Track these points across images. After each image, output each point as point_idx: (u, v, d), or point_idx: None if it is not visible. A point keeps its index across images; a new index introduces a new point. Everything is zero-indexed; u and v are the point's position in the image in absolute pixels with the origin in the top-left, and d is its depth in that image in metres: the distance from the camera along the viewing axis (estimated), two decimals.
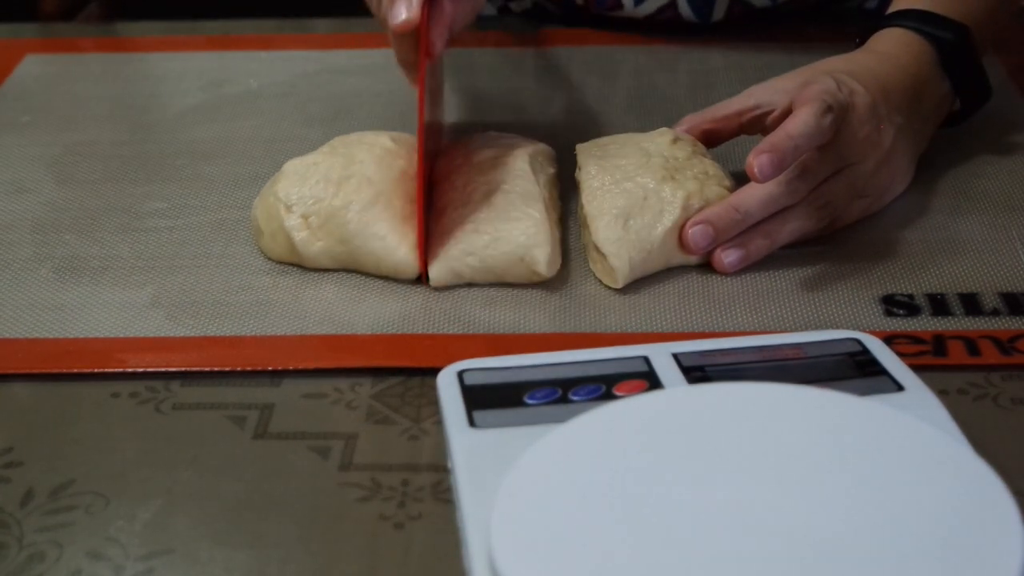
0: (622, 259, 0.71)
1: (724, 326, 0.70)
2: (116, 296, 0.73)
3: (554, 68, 1.02)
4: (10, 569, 0.55)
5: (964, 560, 0.48)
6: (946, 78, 0.81)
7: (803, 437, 0.55)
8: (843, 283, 0.73)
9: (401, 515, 0.58)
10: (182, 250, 0.78)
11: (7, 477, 0.60)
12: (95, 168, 0.88)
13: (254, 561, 0.55)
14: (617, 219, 0.72)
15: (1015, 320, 0.69)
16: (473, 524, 0.53)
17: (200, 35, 1.11)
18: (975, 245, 0.76)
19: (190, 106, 0.97)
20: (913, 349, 0.67)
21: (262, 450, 0.62)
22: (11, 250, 0.78)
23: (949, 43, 0.81)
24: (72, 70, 1.05)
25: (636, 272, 0.72)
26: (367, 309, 0.72)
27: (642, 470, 0.53)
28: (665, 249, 0.72)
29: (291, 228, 0.74)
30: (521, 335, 0.69)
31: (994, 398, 0.64)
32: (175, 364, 0.67)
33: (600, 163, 0.75)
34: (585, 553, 0.49)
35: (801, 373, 0.62)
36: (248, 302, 0.73)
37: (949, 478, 0.52)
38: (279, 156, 0.86)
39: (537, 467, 0.53)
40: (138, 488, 0.59)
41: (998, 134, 0.89)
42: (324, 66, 1.03)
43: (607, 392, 0.61)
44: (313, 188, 0.74)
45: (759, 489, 0.51)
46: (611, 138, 0.79)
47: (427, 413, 0.64)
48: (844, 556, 0.48)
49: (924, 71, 0.80)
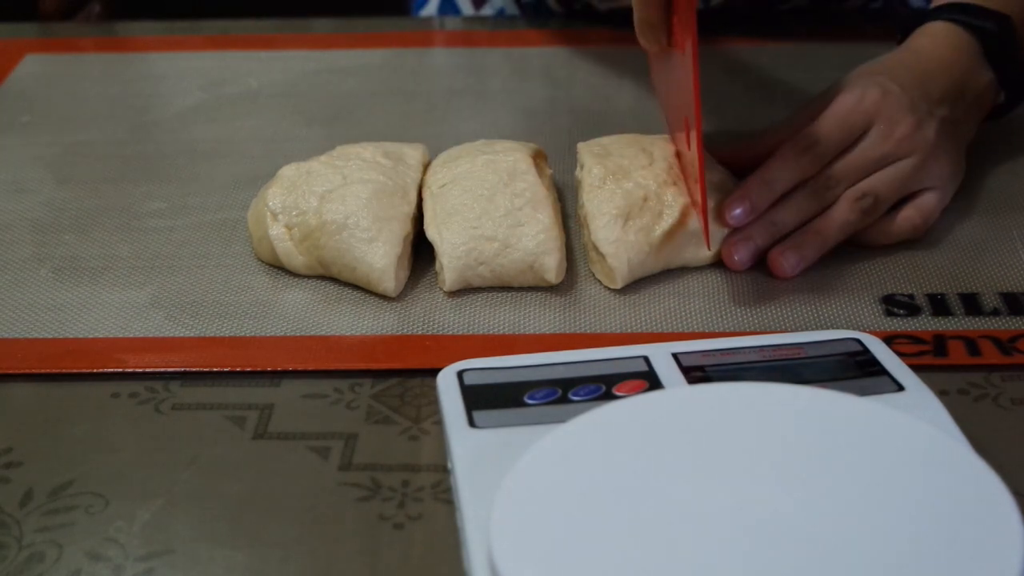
0: (620, 260, 0.71)
1: (724, 326, 0.70)
2: (116, 296, 0.73)
3: (554, 68, 1.02)
4: (10, 569, 0.55)
5: (964, 560, 0.48)
6: (989, 69, 0.81)
7: (803, 437, 0.55)
8: (843, 283, 0.73)
9: (401, 515, 0.58)
10: (182, 250, 0.78)
11: (7, 477, 0.60)
12: (95, 168, 0.88)
13: (254, 561, 0.55)
14: (616, 219, 0.71)
15: (1015, 320, 0.69)
16: (473, 524, 0.53)
17: (200, 35, 1.11)
18: (975, 245, 0.76)
19: (190, 106, 0.97)
20: (913, 349, 0.67)
21: (262, 450, 0.62)
22: (11, 250, 0.78)
23: (991, 33, 0.80)
24: (72, 70, 1.05)
25: (635, 273, 0.72)
26: (367, 310, 0.72)
27: (642, 470, 0.53)
28: (664, 252, 0.72)
29: (275, 238, 0.74)
30: (521, 335, 0.69)
31: (994, 398, 0.64)
32: (175, 364, 0.67)
33: (602, 161, 0.75)
34: (585, 553, 0.49)
35: (801, 373, 0.62)
36: (248, 302, 0.73)
37: (949, 478, 0.52)
38: (279, 156, 0.86)
39: (537, 467, 0.53)
40: (138, 488, 0.59)
41: (999, 134, 0.89)
42: (324, 66, 1.03)
43: (607, 392, 0.61)
44: (299, 199, 0.74)
45: (759, 489, 0.51)
46: (614, 138, 0.79)
47: (427, 413, 0.64)
48: (844, 556, 0.48)
49: (966, 63, 0.80)
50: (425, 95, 0.99)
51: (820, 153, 0.73)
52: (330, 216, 0.72)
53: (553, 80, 1.00)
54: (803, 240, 0.73)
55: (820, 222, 0.73)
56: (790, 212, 0.73)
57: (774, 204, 0.73)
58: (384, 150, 0.77)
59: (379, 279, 0.71)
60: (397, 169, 0.76)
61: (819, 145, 0.73)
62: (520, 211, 0.72)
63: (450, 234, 0.72)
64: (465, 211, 0.73)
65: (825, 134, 0.74)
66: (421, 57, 1.08)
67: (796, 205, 0.73)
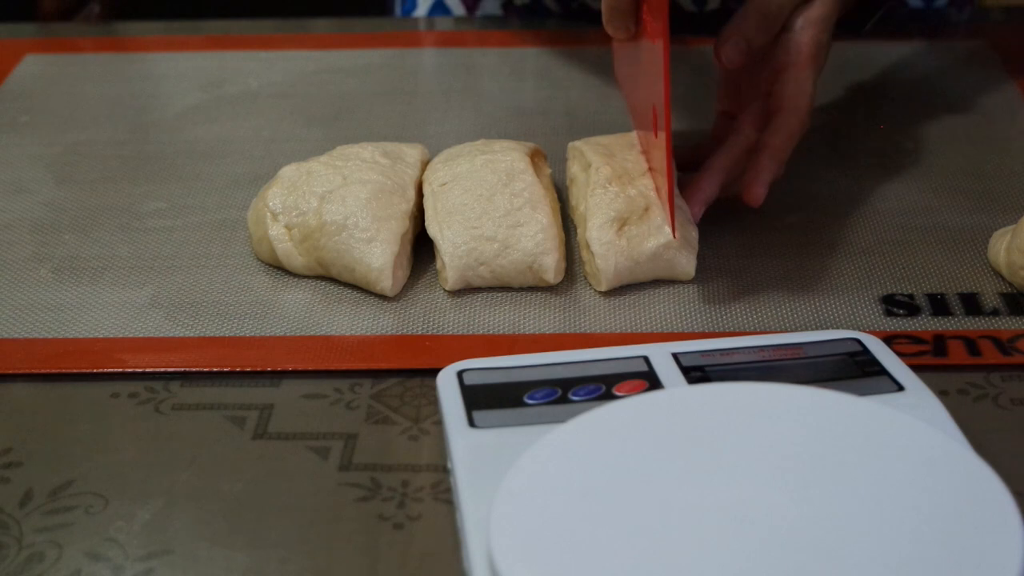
0: (608, 262, 0.71)
1: (724, 326, 0.70)
2: (115, 296, 0.73)
3: (554, 68, 1.02)
4: (9, 569, 0.55)
5: (964, 560, 0.48)
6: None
7: (803, 437, 0.55)
8: (843, 283, 0.73)
9: (401, 515, 0.58)
10: (181, 250, 0.78)
11: (6, 477, 0.60)
12: (95, 168, 0.88)
13: (254, 561, 0.55)
14: (613, 222, 0.71)
15: (1015, 320, 0.69)
16: (473, 524, 0.53)
17: (200, 35, 1.11)
18: (975, 245, 0.76)
19: (190, 106, 0.97)
20: (913, 349, 0.67)
21: (261, 450, 0.62)
22: (10, 250, 0.78)
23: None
24: (72, 70, 1.05)
25: (622, 278, 0.71)
26: (367, 310, 0.72)
27: (642, 470, 0.53)
28: (653, 265, 0.72)
29: (274, 238, 0.74)
30: (521, 335, 0.69)
31: (994, 398, 0.64)
32: (175, 364, 0.67)
33: (610, 162, 0.74)
34: (584, 553, 0.49)
35: (801, 373, 0.62)
36: (248, 302, 0.73)
37: (949, 478, 0.52)
38: (279, 156, 0.86)
39: (537, 467, 0.53)
40: (137, 488, 0.59)
41: (999, 135, 0.89)
42: (324, 66, 1.03)
43: (607, 392, 0.61)
44: (299, 199, 0.74)
45: (759, 489, 0.51)
46: (612, 137, 0.79)
47: (427, 413, 0.64)
48: (844, 556, 0.48)
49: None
50: (425, 95, 0.99)
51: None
52: (330, 217, 0.72)
53: (551, 80, 1.00)
54: (759, 164, 0.74)
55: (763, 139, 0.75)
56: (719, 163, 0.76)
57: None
58: (383, 150, 0.77)
59: (377, 278, 0.71)
60: (396, 168, 0.76)
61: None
62: (519, 211, 0.72)
63: (451, 233, 0.72)
64: (465, 211, 0.73)
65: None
66: (421, 57, 1.08)
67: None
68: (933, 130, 0.90)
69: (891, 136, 0.89)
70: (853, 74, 0.98)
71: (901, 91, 0.96)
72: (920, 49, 1.03)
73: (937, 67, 1.00)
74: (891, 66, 1.00)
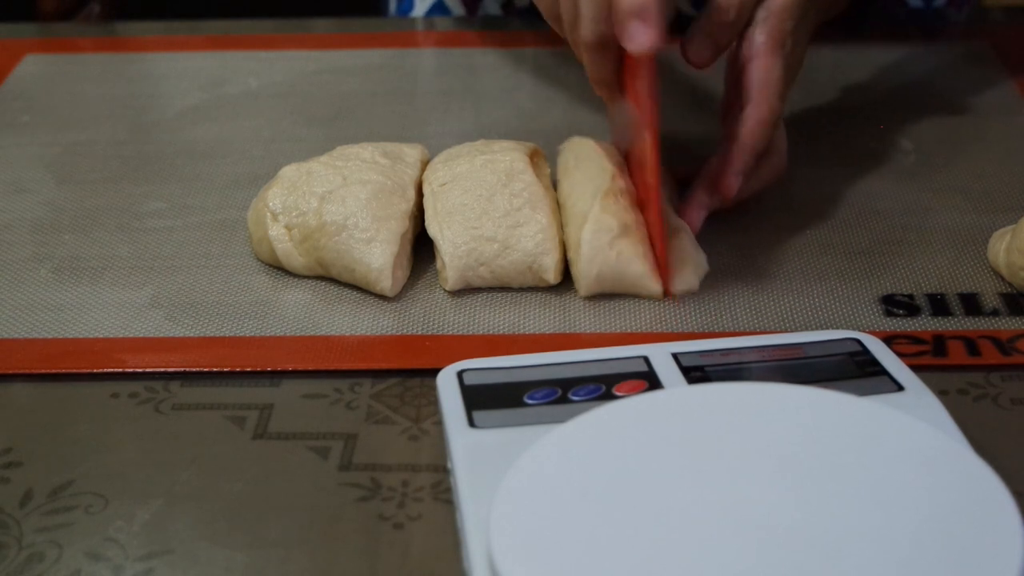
0: (593, 264, 0.70)
1: (724, 326, 0.70)
2: (115, 296, 0.73)
3: (554, 68, 1.02)
4: (9, 569, 0.55)
5: (964, 560, 0.48)
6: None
7: (803, 437, 0.55)
8: (843, 283, 0.73)
9: (401, 515, 0.58)
10: (181, 250, 0.78)
11: (6, 477, 0.60)
12: (95, 168, 0.88)
13: (254, 561, 0.55)
14: (608, 231, 0.70)
15: (1015, 320, 0.69)
16: (473, 524, 0.53)
17: (200, 35, 1.11)
18: (975, 245, 0.76)
19: (190, 106, 0.97)
20: (913, 349, 0.67)
21: (262, 450, 0.62)
22: (10, 250, 0.78)
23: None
24: (72, 70, 1.05)
25: (604, 285, 0.71)
26: (367, 310, 0.72)
27: (642, 470, 0.53)
28: (634, 283, 0.71)
29: (274, 238, 0.74)
30: (521, 335, 0.69)
31: (994, 398, 0.64)
32: (175, 364, 0.67)
33: (623, 175, 0.74)
34: (584, 553, 0.49)
35: (801, 373, 0.62)
36: (248, 302, 0.73)
37: (949, 478, 0.52)
38: (279, 156, 0.86)
39: (537, 467, 0.53)
40: (137, 488, 0.59)
41: (1000, 135, 0.89)
42: (324, 66, 1.03)
43: (607, 392, 0.61)
44: (299, 200, 0.74)
45: (758, 489, 0.51)
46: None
47: (427, 413, 0.64)
48: (844, 556, 0.48)
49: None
50: (425, 95, 0.99)
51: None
52: (330, 217, 0.72)
53: (551, 80, 1.00)
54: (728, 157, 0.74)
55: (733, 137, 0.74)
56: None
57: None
58: (383, 150, 0.77)
59: (376, 279, 0.71)
60: (395, 167, 0.76)
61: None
62: (519, 211, 0.72)
63: (451, 233, 0.72)
64: (465, 211, 0.72)
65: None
66: (421, 57, 1.08)
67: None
68: (932, 130, 0.90)
69: (891, 136, 0.89)
70: (853, 74, 0.98)
71: (901, 91, 0.96)
72: (920, 49, 1.03)
73: (937, 67, 1.00)
74: (891, 66, 1.00)
